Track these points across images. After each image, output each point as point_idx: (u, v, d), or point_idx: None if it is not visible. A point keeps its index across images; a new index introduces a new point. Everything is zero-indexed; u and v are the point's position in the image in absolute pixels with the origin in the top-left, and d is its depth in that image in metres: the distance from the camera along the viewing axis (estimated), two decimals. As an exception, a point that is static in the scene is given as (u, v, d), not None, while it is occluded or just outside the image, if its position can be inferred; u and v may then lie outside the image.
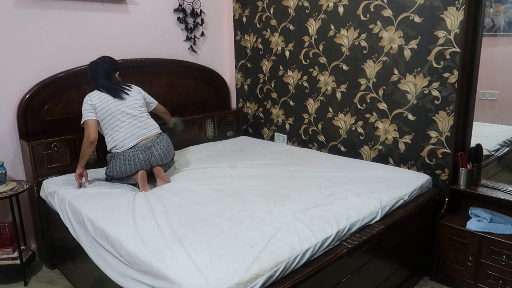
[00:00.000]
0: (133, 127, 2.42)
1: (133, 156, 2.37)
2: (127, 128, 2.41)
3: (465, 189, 2.34)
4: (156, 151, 2.43)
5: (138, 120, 2.45)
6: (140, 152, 2.39)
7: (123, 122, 2.40)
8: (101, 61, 2.50)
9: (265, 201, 2.07)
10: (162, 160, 2.46)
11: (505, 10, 2.32)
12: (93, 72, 2.48)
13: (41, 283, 2.51)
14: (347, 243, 1.79)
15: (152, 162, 2.43)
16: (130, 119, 2.42)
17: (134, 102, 2.48)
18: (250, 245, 1.60)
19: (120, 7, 2.97)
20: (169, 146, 2.53)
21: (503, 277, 2.12)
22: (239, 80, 3.78)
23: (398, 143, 2.71)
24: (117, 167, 2.38)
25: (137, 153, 2.38)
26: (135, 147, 2.39)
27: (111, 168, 2.42)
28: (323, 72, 3.07)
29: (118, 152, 2.39)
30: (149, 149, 2.42)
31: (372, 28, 2.70)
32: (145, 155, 2.40)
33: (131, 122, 2.42)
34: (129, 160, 2.37)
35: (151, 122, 2.52)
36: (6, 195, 2.33)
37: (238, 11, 3.61)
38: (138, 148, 2.39)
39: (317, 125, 3.21)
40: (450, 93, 2.40)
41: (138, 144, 2.40)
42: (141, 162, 2.38)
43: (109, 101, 2.41)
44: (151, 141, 2.44)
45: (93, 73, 2.48)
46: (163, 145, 2.47)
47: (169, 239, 1.67)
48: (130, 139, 2.40)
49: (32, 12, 2.59)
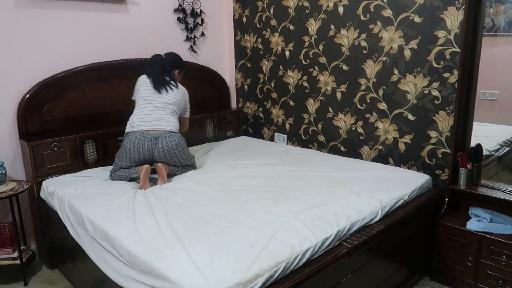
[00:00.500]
0: (149, 114, 2.50)
1: (139, 139, 2.44)
2: (145, 113, 2.51)
3: (465, 189, 2.34)
4: (161, 144, 2.45)
5: (158, 111, 2.52)
6: (146, 139, 2.44)
7: (145, 107, 2.52)
8: (165, 55, 2.68)
9: (265, 201, 2.07)
10: (166, 157, 2.48)
11: (505, 10, 2.32)
12: (153, 61, 2.65)
13: (41, 283, 2.51)
14: (347, 243, 1.79)
15: (155, 155, 2.46)
16: (152, 108, 2.51)
17: (166, 99, 2.55)
18: (250, 245, 1.60)
19: (120, 7, 2.97)
20: (177, 146, 2.50)
21: (503, 277, 2.12)
22: (239, 80, 3.78)
23: (398, 143, 2.71)
24: (125, 148, 2.47)
25: (144, 138, 2.44)
26: (144, 132, 2.46)
27: (120, 149, 2.51)
28: (323, 72, 3.07)
29: (129, 132, 2.49)
30: (155, 140, 2.46)
31: (372, 28, 2.70)
32: (150, 144, 2.45)
33: (151, 110, 2.51)
34: (135, 143, 2.44)
35: (169, 118, 2.53)
36: (6, 195, 2.33)
37: (238, 11, 3.61)
38: (146, 134, 2.45)
39: (317, 125, 3.21)
40: (450, 93, 2.40)
41: (147, 131, 2.46)
42: (144, 150, 2.43)
43: (147, 87, 2.55)
44: (161, 133, 2.48)
45: (152, 62, 2.65)
46: (170, 141, 2.48)
47: (169, 239, 1.67)
48: (142, 123, 2.48)
49: (32, 12, 2.59)
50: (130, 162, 2.47)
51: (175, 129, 2.54)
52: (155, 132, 2.47)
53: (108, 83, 2.92)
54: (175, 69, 2.68)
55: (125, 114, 2.60)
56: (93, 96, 2.86)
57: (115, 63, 2.93)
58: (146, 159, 2.47)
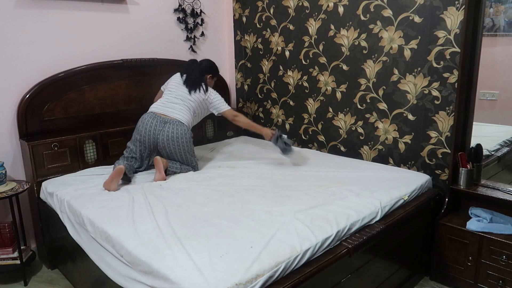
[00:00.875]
0: (167, 102, 2.66)
1: (150, 118, 2.58)
2: (164, 100, 2.68)
3: (465, 189, 2.34)
4: (167, 129, 2.55)
5: (176, 101, 2.65)
6: (156, 120, 2.57)
7: (167, 97, 2.69)
8: (200, 61, 2.84)
9: (265, 201, 2.07)
10: (169, 144, 2.54)
11: (505, 10, 2.32)
12: (190, 64, 2.82)
13: (41, 283, 2.51)
14: (347, 243, 1.79)
15: (159, 140, 2.55)
16: (172, 98, 2.67)
17: (190, 96, 2.67)
18: (250, 245, 1.60)
19: (120, 7, 2.97)
20: (182, 137, 2.56)
21: (503, 277, 2.12)
22: (239, 80, 3.78)
23: (398, 143, 2.71)
24: (136, 126, 2.61)
25: (154, 119, 2.57)
26: (156, 114, 2.60)
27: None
28: (323, 72, 3.07)
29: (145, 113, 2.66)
30: (164, 123, 2.56)
31: (372, 28, 2.70)
32: (158, 126, 2.55)
33: (171, 99, 2.67)
34: (146, 121, 2.58)
35: (183, 110, 2.64)
36: (6, 195, 2.33)
37: (238, 11, 3.61)
38: (158, 116, 2.59)
39: (317, 125, 3.21)
40: (450, 93, 2.40)
41: (159, 114, 2.60)
42: (151, 130, 2.54)
43: (177, 82, 2.73)
44: (170, 119, 2.59)
45: (189, 65, 2.81)
46: (177, 129, 2.56)
47: (169, 239, 1.67)
48: (157, 107, 2.65)
49: (32, 12, 2.59)
50: (134, 141, 2.59)
51: (185, 121, 2.62)
52: (165, 117, 2.59)
53: (108, 83, 2.92)
54: (208, 73, 2.80)
55: (125, 114, 2.61)
56: (93, 96, 2.86)
57: (115, 63, 2.93)
58: (150, 141, 2.56)
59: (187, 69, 2.78)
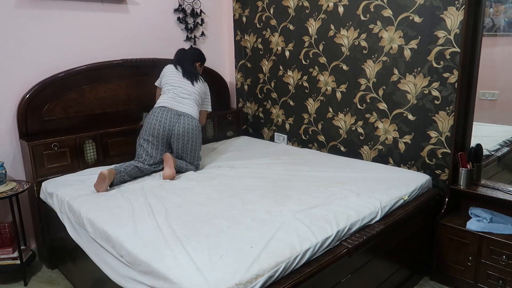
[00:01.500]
0: (176, 97, 2.65)
1: (163, 112, 2.59)
2: (171, 96, 2.66)
3: (465, 189, 2.34)
4: (183, 121, 2.58)
5: (184, 95, 2.66)
6: (171, 113, 2.59)
7: (173, 93, 2.67)
8: (188, 49, 2.89)
9: (265, 201, 2.07)
10: (184, 136, 2.56)
11: (505, 10, 2.32)
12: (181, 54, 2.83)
13: (41, 283, 2.51)
14: (347, 243, 1.79)
15: (174, 132, 2.56)
16: (179, 93, 2.66)
17: (193, 89, 2.69)
18: (250, 245, 1.60)
19: (120, 7, 2.97)
20: (195, 130, 2.62)
21: (503, 277, 2.12)
22: (239, 80, 3.78)
23: (398, 143, 2.71)
24: (148, 120, 2.60)
25: (168, 112, 2.59)
26: (168, 108, 2.61)
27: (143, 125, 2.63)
28: (323, 72, 3.07)
29: (154, 108, 2.64)
30: (178, 116, 2.59)
31: (372, 28, 2.70)
32: (173, 118, 2.57)
33: (178, 94, 2.66)
34: (159, 114, 2.58)
35: (192, 104, 2.67)
36: (6, 195, 2.33)
37: (238, 11, 3.61)
38: (171, 110, 2.60)
39: (317, 125, 3.21)
40: (450, 93, 2.40)
41: (170, 109, 2.60)
42: (166, 123, 2.56)
43: (175, 75, 2.72)
44: (184, 112, 2.61)
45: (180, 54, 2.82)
46: (191, 122, 2.60)
47: (169, 240, 1.67)
48: (166, 101, 2.64)
49: (32, 12, 2.59)
50: (147, 136, 2.57)
51: (195, 115, 2.67)
52: (178, 111, 2.61)
53: (108, 83, 2.92)
54: (197, 61, 2.85)
55: (125, 114, 2.60)
56: (93, 96, 2.86)
57: (115, 63, 2.93)
58: (164, 134, 2.57)
59: (179, 59, 2.79)
